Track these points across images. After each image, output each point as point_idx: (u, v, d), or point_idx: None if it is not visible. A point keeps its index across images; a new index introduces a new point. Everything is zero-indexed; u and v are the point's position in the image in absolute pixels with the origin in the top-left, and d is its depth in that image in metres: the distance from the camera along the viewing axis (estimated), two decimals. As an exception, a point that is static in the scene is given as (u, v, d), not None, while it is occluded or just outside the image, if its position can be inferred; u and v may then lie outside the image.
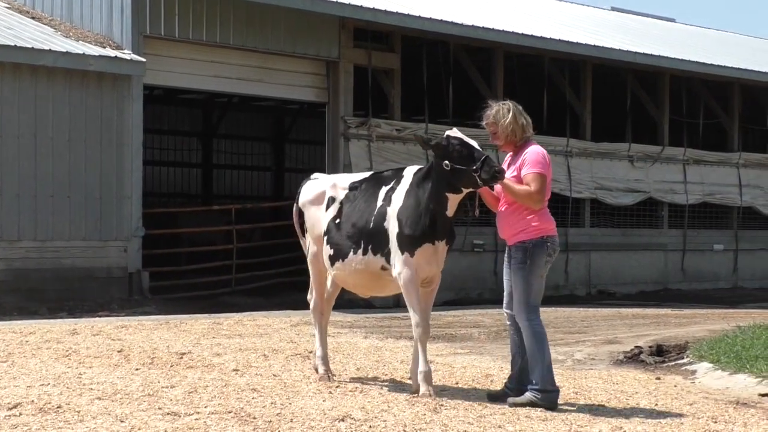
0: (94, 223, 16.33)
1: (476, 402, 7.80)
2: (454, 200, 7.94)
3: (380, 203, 8.23)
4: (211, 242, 21.13)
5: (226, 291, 18.99)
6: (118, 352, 10.13)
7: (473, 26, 19.94)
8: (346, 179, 8.79)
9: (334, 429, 6.62)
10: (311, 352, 10.32)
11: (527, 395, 7.72)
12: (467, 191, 7.89)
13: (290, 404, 7.39)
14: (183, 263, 19.76)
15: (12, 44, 15.75)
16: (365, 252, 8.22)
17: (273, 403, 7.40)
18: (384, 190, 8.28)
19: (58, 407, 7.04)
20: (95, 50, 16.47)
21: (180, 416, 6.83)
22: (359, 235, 8.27)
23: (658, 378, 9.65)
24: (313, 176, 9.11)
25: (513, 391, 7.88)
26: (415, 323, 7.99)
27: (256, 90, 19.26)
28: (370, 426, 6.72)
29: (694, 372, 9.96)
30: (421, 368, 7.98)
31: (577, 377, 9.48)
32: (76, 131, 16.24)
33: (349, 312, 15.32)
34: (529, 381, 7.77)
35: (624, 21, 29.90)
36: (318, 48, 18.72)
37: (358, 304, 15.92)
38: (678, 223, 24.18)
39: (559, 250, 8.07)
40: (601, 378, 9.52)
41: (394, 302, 16.43)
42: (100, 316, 14.52)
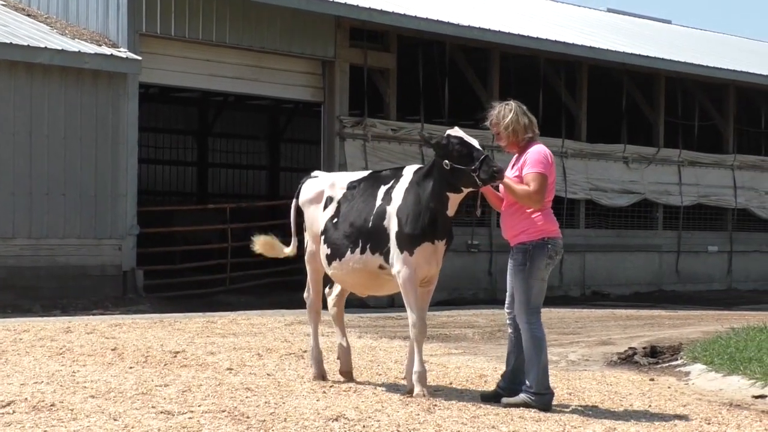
0: (89, 221, 16.31)
1: (470, 402, 7.80)
2: (455, 200, 7.90)
3: (379, 202, 8.19)
4: (206, 241, 21.12)
5: (221, 290, 18.98)
6: (112, 351, 10.12)
7: (469, 26, 19.96)
8: (345, 178, 8.74)
9: (328, 428, 6.62)
10: (305, 352, 10.32)
11: (521, 396, 7.72)
12: (468, 191, 7.85)
13: (284, 403, 7.39)
14: (177, 262, 19.76)
15: (8, 42, 15.72)
16: (363, 251, 8.18)
17: (267, 403, 7.40)
18: (383, 189, 8.24)
19: (52, 405, 7.03)
20: (91, 48, 16.45)
21: (173, 415, 6.83)
22: (357, 234, 8.23)
23: (652, 379, 9.65)
24: (314, 174, 9.08)
25: (505, 391, 7.87)
26: (412, 323, 7.98)
27: (252, 89, 19.25)
28: (364, 426, 6.72)
29: (688, 373, 9.97)
30: (416, 368, 7.96)
31: (571, 378, 9.49)
32: (72, 129, 16.22)
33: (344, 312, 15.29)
34: (522, 381, 7.76)
35: (620, 22, 29.92)
36: (314, 47, 18.71)
37: (352, 304, 15.82)
38: (672, 225, 24.20)
39: (563, 252, 7.97)
40: (595, 379, 9.52)
41: (388, 302, 16.45)
42: (94, 314, 14.51)
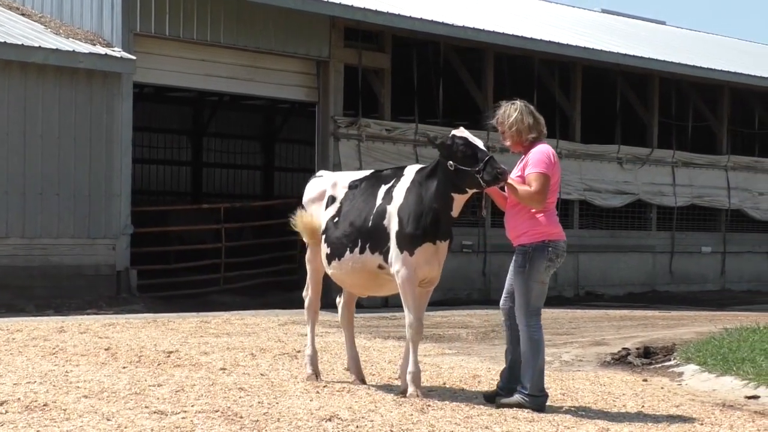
0: (83, 221, 16.30)
1: (463, 403, 7.80)
2: (460, 200, 7.86)
3: (380, 201, 8.15)
4: (200, 241, 21.11)
5: (215, 290, 18.97)
6: (106, 350, 10.11)
7: (463, 27, 19.97)
8: (347, 178, 8.69)
9: (321, 429, 6.62)
10: (299, 352, 10.32)
11: (516, 397, 7.72)
12: (472, 192, 7.82)
13: (277, 404, 7.39)
14: (172, 262, 19.73)
15: (1, 41, 15.69)
16: (362, 250, 8.14)
17: (260, 403, 7.39)
18: (384, 188, 8.20)
19: (45, 405, 7.02)
20: (85, 48, 16.43)
21: (167, 415, 6.82)
22: (357, 234, 8.19)
23: (645, 380, 9.67)
24: (318, 174, 9.06)
25: (504, 391, 7.83)
26: (409, 323, 7.95)
27: (247, 89, 19.25)
28: (357, 426, 6.72)
29: (681, 374, 9.98)
30: (410, 369, 7.96)
31: (565, 378, 9.49)
32: (66, 128, 16.20)
33: (336, 311, 15.29)
34: (519, 381, 7.76)
35: (614, 23, 29.95)
36: (308, 47, 18.72)
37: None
38: (666, 225, 24.25)
39: (565, 255, 7.88)
40: (588, 379, 9.53)
41: (382, 302, 16.45)
42: (88, 314, 14.49)
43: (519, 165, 7.83)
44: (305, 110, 22.43)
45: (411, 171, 8.17)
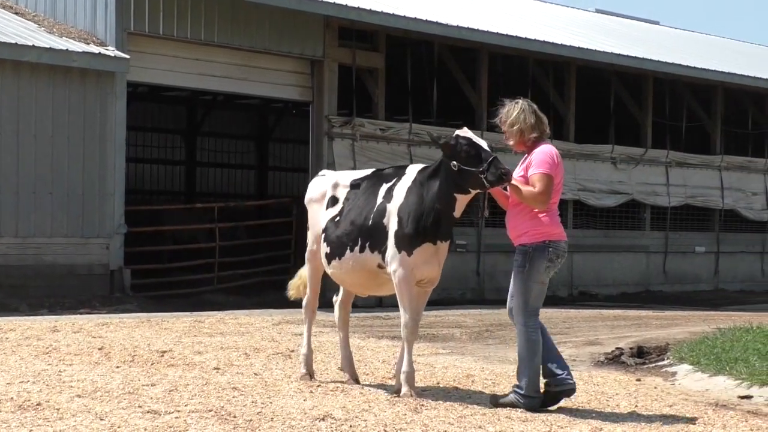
0: (76, 220, 16.28)
1: (457, 402, 7.80)
2: (462, 201, 7.83)
3: (380, 200, 8.12)
4: (194, 240, 21.09)
5: (208, 289, 18.95)
6: (99, 350, 10.10)
7: (458, 26, 19.98)
8: (348, 177, 8.68)
9: (315, 428, 6.61)
10: (293, 351, 10.33)
11: (511, 396, 7.73)
12: (475, 192, 7.79)
13: (271, 403, 7.38)
14: (165, 261, 19.72)
15: (-5, 39, 15.70)
16: (362, 249, 8.11)
17: (254, 402, 7.39)
18: (385, 187, 8.17)
19: (38, 404, 7.01)
20: (79, 46, 16.41)
21: (160, 414, 6.82)
22: (357, 233, 8.16)
23: (639, 379, 9.67)
24: (321, 173, 9.05)
25: (551, 386, 7.74)
26: (404, 323, 7.94)
27: (241, 88, 19.22)
28: (351, 425, 6.72)
29: (675, 374, 9.99)
30: (404, 368, 7.95)
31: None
32: (59, 127, 16.18)
33: (331, 311, 15.29)
34: (561, 369, 7.73)
35: (608, 23, 29.98)
36: (303, 47, 18.71)
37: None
38: (660, 225, 24.28)
39: (566, 255, 7.82)
40: (582, 379, 9.52)
41: (376, 302, 16.43)
42: (81, 314, 14.47)
43: (522, 165, 7.79)
44: (299, 109, 22.43)
45: (413, 170, 8.14)
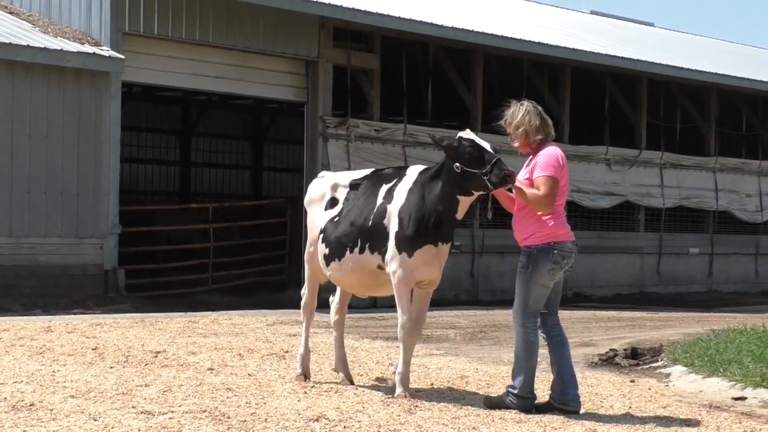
0: (71, 220, 16.26)
1: (451, 403, 7.81)
2: (465, 203, 7.79)
3: (380, 201, 8.10)
4: (189, 240, 21.07)
5: (203, 289, 18.93)
6: (93, 350, 10.09)
7: (452, 27, 19.98)
8: (347, 177, 8.65)
9: (309, 429, 6.61)
10: (287, 352, 10.33)
11: (504, 398, 7.73)
12: (478, 194, 7.76)
13: (265, 404, 7.38)
14: (160, 261, 19.70)
15: (-11, 39, 15.68)
16: (362, 250, 8.09)
17: (248, 403, 7.39)
18: (386, 188, 8.14)
19: (31, 405, 7.00)
20: (73, 46, 16.39)
21: (154, 415, 6.81)
22: (357, 234, 8.13)
23: (633, 381, 9.68)
24: (320, 174, 9.03)
25: (556, 402, 7.71)
26: (401, 324, 7.92)
27: (235, 88, 19.21)
28: (345, 426, 6.72)
29: (668, 375, 10.00)
30: (399, 369, 7.95)
31: (552, 379, 9.48)
32: (54, 127, 16.16)
33: (326, 312, 15.27)
34: (570, 390, 7.70)
35: (603, 25, 30.01)
36: (297, 47, 18.71)
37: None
38: (654, 227, 24.30)
39: (572, 257, 7.72)
40: (576, 380, 9.53)
41: (371, 302, 16.43)
42: (75, 314, 14.44)
43: (527, 167, 7.76)
44: (294, 110, 22.39)
45: (414, 171, 8.11)
